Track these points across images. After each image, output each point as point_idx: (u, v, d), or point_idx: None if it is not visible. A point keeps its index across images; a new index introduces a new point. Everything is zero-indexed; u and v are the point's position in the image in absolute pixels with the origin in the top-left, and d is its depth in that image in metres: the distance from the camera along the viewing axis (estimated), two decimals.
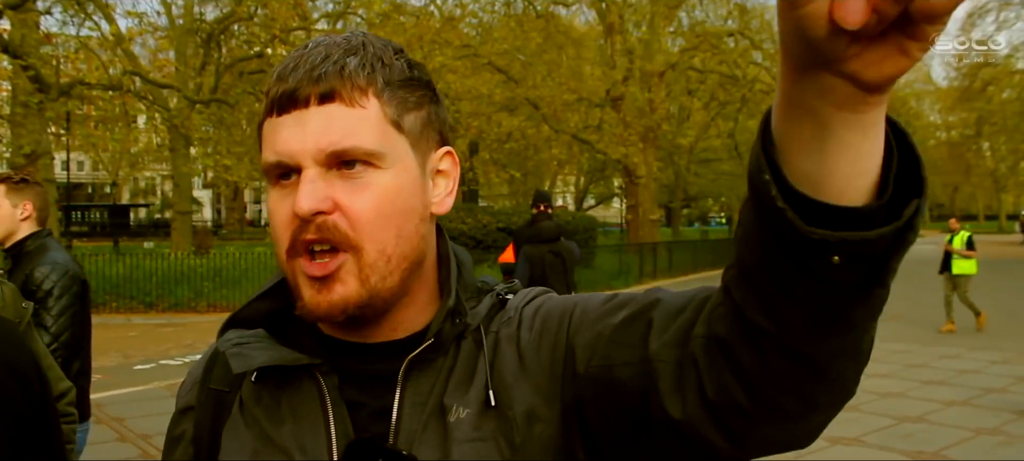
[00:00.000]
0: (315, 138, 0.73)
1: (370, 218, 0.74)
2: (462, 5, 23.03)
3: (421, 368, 0.79)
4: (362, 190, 0.75)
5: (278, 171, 0.76)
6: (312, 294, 0.75)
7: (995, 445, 5.94)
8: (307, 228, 0.73)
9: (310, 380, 0.80)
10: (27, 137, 15.46)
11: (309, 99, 0.74)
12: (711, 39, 25.02)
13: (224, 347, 0.80)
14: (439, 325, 0.78)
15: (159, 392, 7.92)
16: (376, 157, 0.75)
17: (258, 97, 19.28)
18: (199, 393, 0.86)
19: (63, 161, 30.81)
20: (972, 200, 72.39)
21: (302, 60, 0.75)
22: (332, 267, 0.74)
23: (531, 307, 0.83)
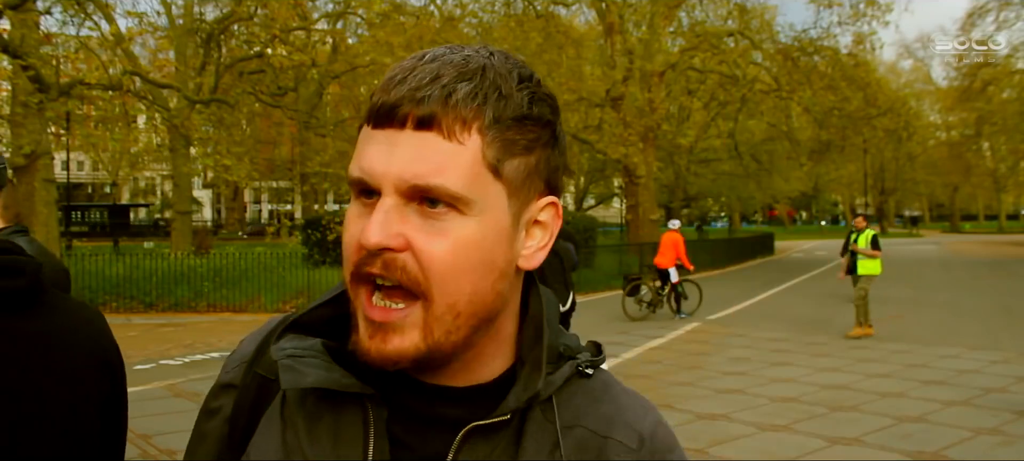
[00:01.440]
0: (401, 166, 0.66)
1: (444, 267, 0.67)
2: (462, 5, 23.03)
3: (483, 433, 0.72)
4: (440, 235, 0.67)
5: (358, 187, 0.69)
6: (367, 336, 0.69)
7: (995, 445, 5.94)
8: (372, 262, 0.67)
9: (357, 405, 0.73)
10: (27, 137, 15.44)
11: (406, 120, 0.67)
12: (711, 39, 25.01)
13: (277, 356, 0.73)
14: (518, 405, 0.72)
15: (159, 392, 7.93)
16: (462, 202, 0.67)
17: (258, 97, 19.30)
18: (245, 374, 0.80)
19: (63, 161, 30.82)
20: (972, 200, 72.46)
21: (412, 73, 0.68)
22: (395, 317, 0.68)
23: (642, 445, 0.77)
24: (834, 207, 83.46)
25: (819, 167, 38.54)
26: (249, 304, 15.05)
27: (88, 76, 15.27)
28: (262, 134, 38.80)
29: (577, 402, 0.77)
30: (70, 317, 1.22)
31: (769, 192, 43.26)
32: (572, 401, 0.76)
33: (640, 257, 21.90)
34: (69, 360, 1.17)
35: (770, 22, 27.63)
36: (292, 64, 16.51)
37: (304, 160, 29.11)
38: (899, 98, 33.64)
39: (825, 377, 8.52)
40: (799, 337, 11.50)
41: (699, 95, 29.30)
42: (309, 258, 20.47)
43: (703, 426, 6.51)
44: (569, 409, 0.76)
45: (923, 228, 71.08)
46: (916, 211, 79.07)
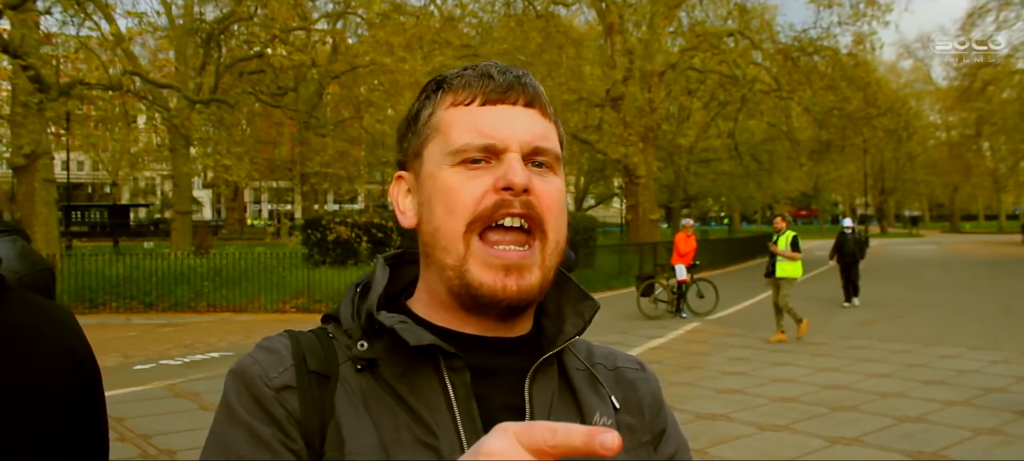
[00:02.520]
0: (524, 130, 0.84)
1: (556, 208, 0.85)
2: (462, 5, 23.04)
3: (542, 372, 0.85)
4: (549, 184, 0.85)
5: (477, 154, 0.83)
6: (498, 278, 0.81)
7: (995, 445, 5.94)
8: (513, 203, 0.81)
9: (431, 371, 0.81)
10: (27, 137, 15.45)
11: (518, 99, 0.86)
12: (711, 39, 25.01)
13: (391, 323, 0.81)
14: (578, 332, 0.88)
15: (159, 392, 7.92)
16: (557, 162, 0.87)
17: (258, 97, 19.30)
18: (299, 375, 0.82)
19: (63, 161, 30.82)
20: (972, 200, 72.47)
21: (503, 68, 0.88)
22: (528, 254, 0.82)
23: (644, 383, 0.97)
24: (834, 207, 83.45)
25: (819, 167, 38.54)
26: (249, 304, 15.05)
27: (88, 76, 15.26)
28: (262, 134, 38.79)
29: (584, 349, 0.95)
30: (34, 315, 1.22)
31: (769, 192, 43.22)
32: (582, 349, 0.95)
33: (640, 257, 21.90)
34: (32, 357, 1.16)
35: (770, 22, 27.63)
36: (292, 64, 16.51)
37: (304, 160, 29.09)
38: (899, 98, 33.65)
39: (825, 377, 8.52)
40: (799, 338, 11.49)
41: (699, 95, 29.29)
42: (309, 258, 20.46)
43: (703, 426, 6.51)
44: (584, 354, 0.94)
45: (923, 228, 71.09)
46: (916, 211, 79.07)
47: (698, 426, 6.50)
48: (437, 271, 0.85)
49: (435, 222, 0.84)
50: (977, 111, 39.10)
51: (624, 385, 0.94)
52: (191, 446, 5.95)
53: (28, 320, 1.21)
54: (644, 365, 0.99)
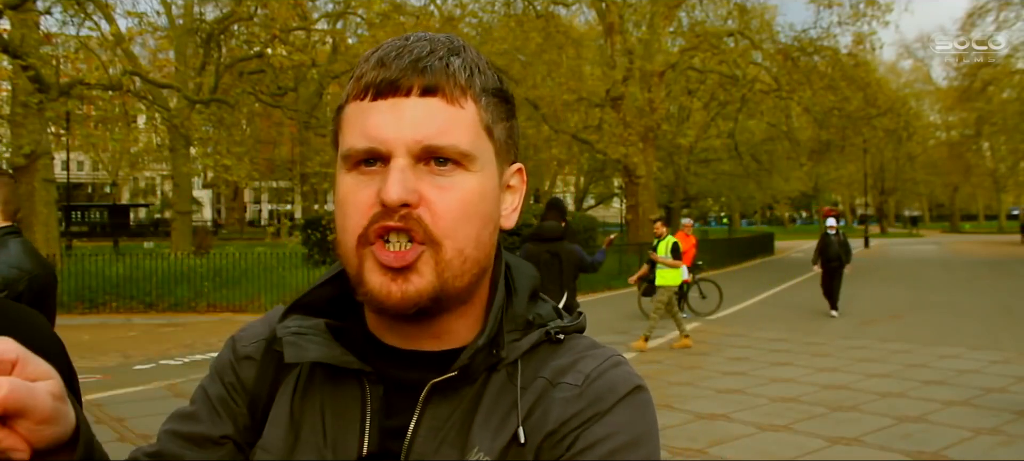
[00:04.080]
0: (412, 129, 0.73)
1: (454, 217, 0.74)
2: (462, 5, 23.02)
3: (444, 393, 0.78)
4: (449, 189, 0.75)
5: (363, 156, 0.75)
6: (383, 283, 0.74)
7: (995, 445, 5.94)
8: (390, 216, 0.73)
9: (355, 382, 0.80)
10: (27, 137, 15.45)
11: (411, 89, 0.74)
12: (711, 39, 25.01)
13: (282, 333, 0.80)
14: (467, 360, 0.77)
15: (159, 392, 7.92)
16: (468, 159, 0.76)
17: (258, 97, 19.30)
18: (265, 352, 0.86)
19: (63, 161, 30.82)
20: (972, 200, 72.42)
21: (405, 50, 0.76)
22: (410, 258, 0.73)
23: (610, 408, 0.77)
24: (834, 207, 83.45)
25: (819, 167, 38.54)
26: (249, 304, 15.05)
27: (88, 76, 15.26)
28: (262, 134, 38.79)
29: (540, 361, 0.81)
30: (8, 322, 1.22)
31: (769, 192, 43.22)
32: (538, 362, 0.81)
33: (640, 257, 21.88)
34: None
35: (770, 22, 27.64)
36: (292, 64, 16.50)
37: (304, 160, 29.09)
38: (899, 98, 33.64)
39: (825, 377, 8.52)
40: (799, 337, 11.50)
41: (699, 95, 29.29)
42: (309, 258, 20.48)
43: (703, 426, 6.51)
44: (531, 368, 0.80)
45: (923, 228, 71.06)
46: (916, 211, 79.05)
47: (698, 426, 6.50)
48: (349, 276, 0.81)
49: (337, 235, 0.78)
50: (977, 111, 39.11)
51: (542, 407, 0.78)
52: None
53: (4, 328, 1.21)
54: (588, 380, 0.78)
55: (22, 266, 2.75)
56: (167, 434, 0.89)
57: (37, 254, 2.97)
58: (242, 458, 0.84)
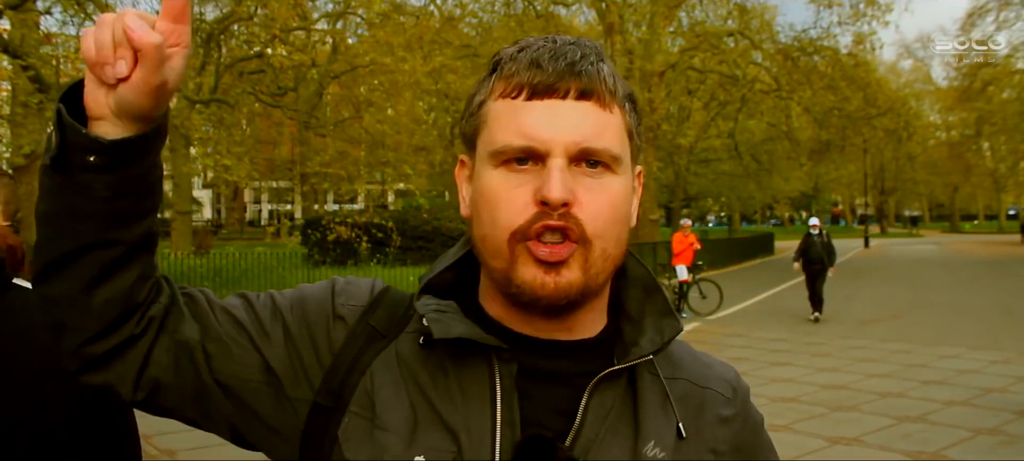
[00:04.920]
0: (570, 131, 0.77)
1: (605, 219, 0.79)
2: (462, 5, 23.02)
3: (608, 382, 0.81)
4: (600, 191, 0.78)
5: (516, 155, 0.78)
6: (537, 275, 0.77)
7: (995, 445, 5.94)
8: (550, 215, 0.76)
9: (483, 362, 0.81)
10: (27, 137, 15.43)
11: (568, 92, 0.78)
12: (711, 39, 25.00)
13: (424, 311, 0.82)
14: (653, 349, 0.83)
15: None
16: (616, 162, 0.80)
17: (258, 97, 19.29)
18: (359, 321, 0.87)
19: None
20: (972, 200, 72.39)
21: (558, 53, 0.78)
22: (565, 254, 0.77)
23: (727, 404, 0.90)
24: (834, 207, 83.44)
25: (819, 167, 38.51)
26: None
27: None
28: (262, 134, 38.77)
29: (670, 358, 0.89)
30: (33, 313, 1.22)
31: (769, 192, 43.20)
32: (666, 358, 0.88)
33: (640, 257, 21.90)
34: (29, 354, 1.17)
35: (770, 22, 27.61)
36: (292, 64, 16.50)
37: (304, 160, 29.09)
38: (899, 98, 33.62)
39: (825, 377, 8.52)
40: (799, 337, 11.50)
41: (699, 95, 29.26)
42: (309, 258, 20.48)
43: None
44: (666, 364, 0.88)
45: (923, 228, 71.05)
46: (916, 211, 79.03)
47: None
48: (488, 271, 0.83)
49: (483, 229, 0.81)
50: (977, 111, 39.07)
51: (705, 419, 0.87)
52: (191, 446, 5.96)
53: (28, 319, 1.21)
54: (738, 394, 0.91)
55: None
56: (242, 301, 0.88)
57: None
58: (270, 391, 0.84)
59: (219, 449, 6.53)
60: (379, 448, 0.79)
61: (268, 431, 0.85)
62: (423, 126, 21.32)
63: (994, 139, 45.53)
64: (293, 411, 0.84)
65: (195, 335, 0.83)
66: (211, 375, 0.83)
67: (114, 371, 0.81)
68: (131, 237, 0.78)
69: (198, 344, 0.83)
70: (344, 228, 17.32)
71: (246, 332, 0.85)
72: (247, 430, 0.86)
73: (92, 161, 0.74)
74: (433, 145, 21.77)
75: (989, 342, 10.71)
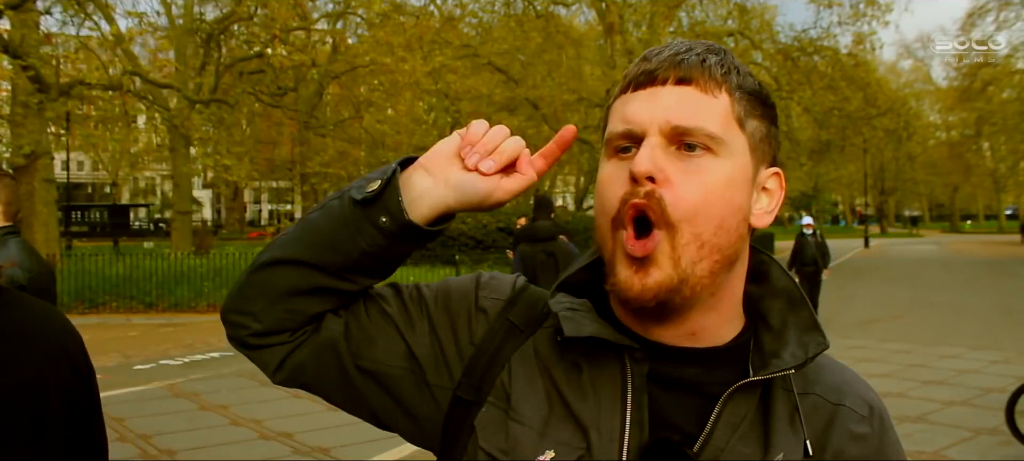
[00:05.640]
0: (665, 111, 0.77)
1: (694, 202, 0.76)
2: (462, 5, 23.03)
3: (743, 392, 0.80)
4: (695, 174, 0.77)
5: (621, 142, 0.80)
6: (628, 274, 0.77)
7: (995, 445, 5.94)
8: (638, 192, 0.76)
9: (615, 362, 0.81)
10: (27, 137, 15.44)
11: (667, 79, 0.79)
12: (711, 39, 24.90)
13: (557, 309, 0.82)
14: (795, 362, 0.80)
15: (159, 392, 7.92)
16: (717, 143, 0.78)
17: (258, 97, 19.30)
18: (499, 315, 0.89)
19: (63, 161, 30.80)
20: (972, 200, 72.41)
21: (667, 48, 0.81)
22: (650, 247, 0.76)
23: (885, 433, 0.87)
24: (834, 207, 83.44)
25: (819, 167, 38.52)
26: None
27: (88, 76, 15.27)
28: (262, 134, 38.79)
29: (805, 373, 0.85)
30: (30, 316, 1.23)
31: None
32: (801, 372, 0.84)
33: None
34: (29, 358, 1.17)
35: (770, 22, 27.63)
36: (292, 64, 16.52)
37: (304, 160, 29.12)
38: (899, 98, 33.61)
39: None
40: None
41: None
42: None
43: None
44: (800, 378, 0.84)
45: (923, 228, 71.04)
46: (916, 211, 79.03)
47: None
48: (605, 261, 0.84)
49: (596, 217, 0.83)
50: (977, 111, 39.05)
51: (835, 433, 0.84)
52: (191, 446, 5.96)
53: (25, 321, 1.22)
54: (875, 414, 0.87)
55: (22, 265, 2.79)
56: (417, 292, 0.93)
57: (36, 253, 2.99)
58: (412, 378, 0.88)
59: (218, 450, 6.53)
60: (512, 439, 0.81)
61: (407, 417, 0.89)
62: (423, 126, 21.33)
63: (994, 139, 45.52)
64: (432, 399, 0.87)
65: (339, 330, 0.88)
66: (354, 364, 0.88)
67: (260, 357, 0.89)
68: (353, 287, 0.87)
69: (341, 337, 0.88)
70: None
71: (392, 321, 0.89)
72: (386, 415, 0.89)
73: (383, 223, 0.83)
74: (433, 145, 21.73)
75: (989, 342, 10.71)
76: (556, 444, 0.79)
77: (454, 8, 22.84)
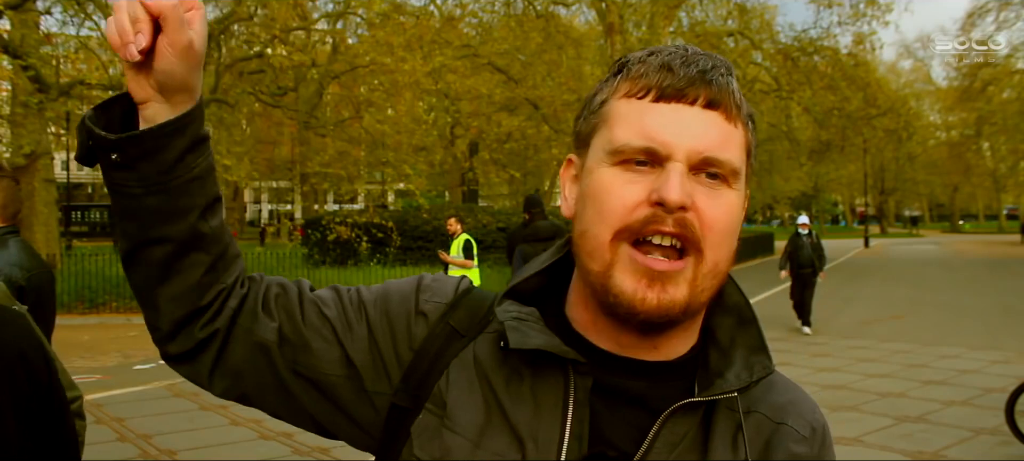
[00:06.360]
0: (694, 137, 0.75)
1: (721, 230, 0.76)
2: (462, 5, 23.03)
3: (684, 410, 0.78)
4: (720, 204, 0.76)
5: (636, 155, 0.76)
6: (639, 287, 0.75)
7: (995, 445, 5.94)
8: (666, 220, 0.74)
9: (558, 372, 0.79)
10: (27, 137, 15.43)
11: (697, 99, 0.76)
12: (711, 39, 24.99)
13: (504, 318, 0.80)
14: (740, 385, 0.79)
15: (159, 392, 7.92)
16: (735, 176, 0.77)
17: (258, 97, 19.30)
18: (439, 319, 0.86)
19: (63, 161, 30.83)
20: (972, 200, 72.38)
21: (690, 59, 0.77)
22: (678, 266, 0.75)
23: None
24: (834, 207, 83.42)
25: (819, 167, 38.52)
26: None
27: (88, 76, 15.26)
28: (262, 134, 38.80)
29: (753, 389, 0.83)
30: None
31: (769, 192, 43.22)
32: (781, 427, 0.84)
33: None
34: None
35: (770, 22, 27.62)
36: (292, 64, 16.51)
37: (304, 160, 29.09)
38: (899, 98, 33.61)
39: (825, 377, 8.52)
40: (799, 337, 11.49)
41: None
42: (309, 258, 20.47)
43: None
44: (746, 395, 0.82)
45: (923, 228, 71.05)
46: (916, 211, 79.02)
47: None
48: (583, 274, 0.80)
49: (584, 224, 0.78)
50: (977, 111, 39.05)
51: (774, 452, 0.83)
52: (191, 446, 5.96)
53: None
54: (817, 435, 0.86)
55: (22, 264, 2.78)
56: (333, 294, 0.90)
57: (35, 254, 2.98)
58: (350, 385, 0.85)
59: (218, 450, 6.53)
60: (446, 448, 0.79)
61: (349, 423, 0.86)
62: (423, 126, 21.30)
63: (994, 139, 45.51)
64: (371, 405, 0.85)
65: (271, 335, 0.85)
66: (290, 369, 0.85)
67: (191, 368, 0.86)
68: (177, 234, 0.80)
69: (274, 343, 0.85)
70: (344, 228, 17.30)
71: (330, 325, 0.86)
72: (328, 422, 0.87)
73: (115, 159, 0.78)
74: (433, 145, 21.76)
75: (989, 342, 10.71)
76: (491, 454, 0.77)
77: (454, 8, 22.85)
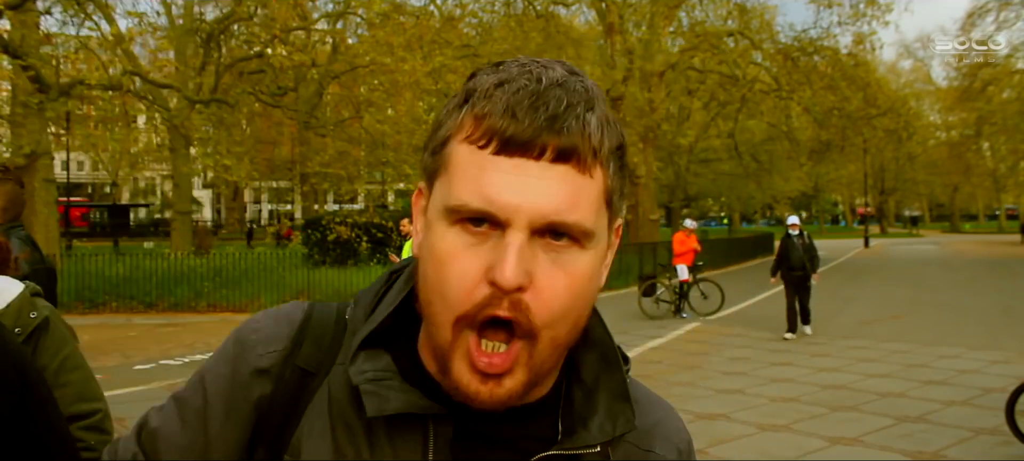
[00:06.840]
0: (538, 202, 0.65)
1: (560, 306, 0.67)
2: (462, 5, 23.03)
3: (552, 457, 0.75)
4: (560, 270, 0.67)
5: (476, 216, 0.66)
6: (473, 381, 0.68)
7: (995, 445, 5.94)
8: (502, 302, 0.66)
9: (417, 424, 0.73)
10: (27, 137, 15.44)
11: (544, 151, 0.65)
12: (711, 39, 25.01)
13: (359, 380, 0.72)
14: (604, 438, 0.74)
15: (159, 392, 7.92)
16: (587, 238, 0.68)
17: (258, 97, 19.30)
18: (283, 365, 0.77)
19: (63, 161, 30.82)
20: (972, 200, 72.36)
21: (540, 100, 0.66)
22: (507, 365, 0.68)
23: None
24: (834, 207, 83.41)
25: (819, 167, 38.52)
26: (249, 304, 15.04)
27: (88, 76, 15.26)
28: (262, 134, 38.80)
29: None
30: None
31: (769, 192, 43.21)
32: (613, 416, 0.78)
33: (640, 257, 21.90)
34: None
35: (770, 22, 27.64)
36: (292, 64, 16.51)
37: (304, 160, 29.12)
38: (899, 98, 33.62)
39: (825, 377, 8.52)
40: (799, 337, 11.50)
41: (699, 95, 29.29)
42: (309, 258, 20.47)
43: (703, 426, 6.51)
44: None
45: (923, 228, 71.04)
46: (916, 211, 79.01)
47: (698, 426, 6.50)
48: (428, 336, 0.74)
49: (430, 295, 0.70)
50: (977, 111, 39.03)
51: None
52: None
53: None
54: (682, 455, 0.83)
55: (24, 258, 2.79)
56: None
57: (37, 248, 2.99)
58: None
59: None
60: None
61: None
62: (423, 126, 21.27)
63: (994, 139, 45.48)
64: None
65: None
66: None
67: None
68: None
69: None
70: (344, 228, 17.30)
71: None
72: None
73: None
74: None
75: (989, 342, 10.71)
76: None
77: (454, 8, 22.85)
